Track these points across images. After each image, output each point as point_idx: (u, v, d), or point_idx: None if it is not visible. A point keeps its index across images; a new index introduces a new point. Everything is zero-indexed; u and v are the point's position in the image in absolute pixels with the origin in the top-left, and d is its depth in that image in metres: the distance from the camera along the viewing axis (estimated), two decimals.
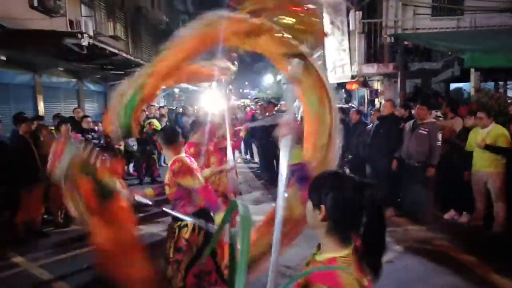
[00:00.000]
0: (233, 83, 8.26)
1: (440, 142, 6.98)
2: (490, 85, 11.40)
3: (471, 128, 7.11)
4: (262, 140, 10.86)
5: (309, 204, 1.78)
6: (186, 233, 3.91)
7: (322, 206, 1.70)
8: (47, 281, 5.42)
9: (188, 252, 3.89)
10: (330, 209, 1.68)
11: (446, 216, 7.44)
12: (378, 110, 9.25)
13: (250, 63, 48.41)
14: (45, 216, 7.69)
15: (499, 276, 5.15)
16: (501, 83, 12.42)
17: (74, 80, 13.93)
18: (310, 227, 1.83)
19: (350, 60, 13.90)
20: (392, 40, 13.39)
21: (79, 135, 8.68)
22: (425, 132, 7.04)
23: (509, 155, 6.53)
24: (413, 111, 8.20)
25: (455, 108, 8.06)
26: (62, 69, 12.21)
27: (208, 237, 3.89)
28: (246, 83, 60.86)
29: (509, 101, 8.57)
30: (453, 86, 13.85)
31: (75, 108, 11.25)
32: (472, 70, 9.84)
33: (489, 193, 6.75)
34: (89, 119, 9.50)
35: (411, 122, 7.50)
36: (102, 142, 9.41)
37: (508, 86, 12.31)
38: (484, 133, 6.68)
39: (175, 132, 4.20)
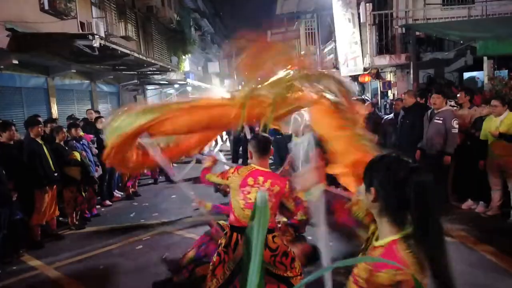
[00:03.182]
0: None
1: (456, 130, 6.88)
2: (504, 73, 11.21)
3: (485, 116, 7.02)
4: (274, 135, 10.84)
5: (362, 187, 1.87)
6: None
7: (372, 189, 1.79)
8: (63, 283, 5.44)
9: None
10: (379, 191, 1.77)
11: (464, 206, 7.35)
12: (401, 99, 9.15)
13: None
14: (60, 218, 7.76)
15: None
16: None
17: (86, 81, 14.05)
18: (367, 208, 1.93)
19: (362, 52, 13.81)
20: (404, 31, 13.26)
21: (92, 136, 8.75)
22: (440, 121, 6.97)
23: None
24: (429, 101, 8.15)
25: (472, 97, 7.90)
26: (74, 71, 12.28)
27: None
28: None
29: None
30: (466, 75, 13.66)
31: (88, 109, 11.35)
32: (485, 58, 9.72)
33: (505, 182, 6.67)
34: (103, 119, 9.54)
35: (429, 111, 7.44)
36: None
37: None
38: (498, 121, 6.59)
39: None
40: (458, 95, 7.87)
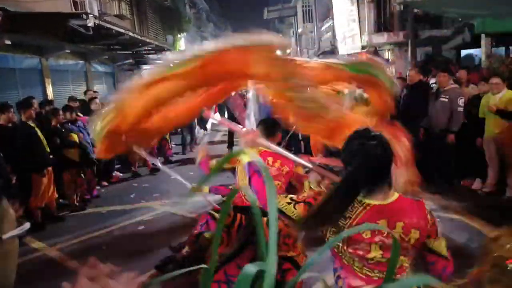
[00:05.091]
0: None
1: (462, 108, 6.89)
2: (502, 50, 11.18)
3: (483, 94, 7.03)
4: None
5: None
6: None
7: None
8: (66, 264, 5.46)
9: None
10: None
11: (464, 183, 7.36)
12: (402, 78, 8.99)
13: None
14: (61, 200, 7.74)
15: None
16: None
17: (81, 62, 13.88)
18: None
19: (360, 30, 13.73)
20: (402, 8, 13.14)
21: (87, 117, 8.66)
22: (446, 99, 6.97)
23: None
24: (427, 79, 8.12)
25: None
26: (69, 51, 12.12)
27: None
28: None
29: None
30: (464, 52, 13.62)
31: (87, 90, 11.23)
32: (483, 35, 9.67)
33: (501, 159, 6.70)
34: (97, 100, 9.43)
35: (435, 89, 7.44)
36: None
37: None
38: (497, 98, 6.60)
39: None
40: (457, 74, 7.84)
